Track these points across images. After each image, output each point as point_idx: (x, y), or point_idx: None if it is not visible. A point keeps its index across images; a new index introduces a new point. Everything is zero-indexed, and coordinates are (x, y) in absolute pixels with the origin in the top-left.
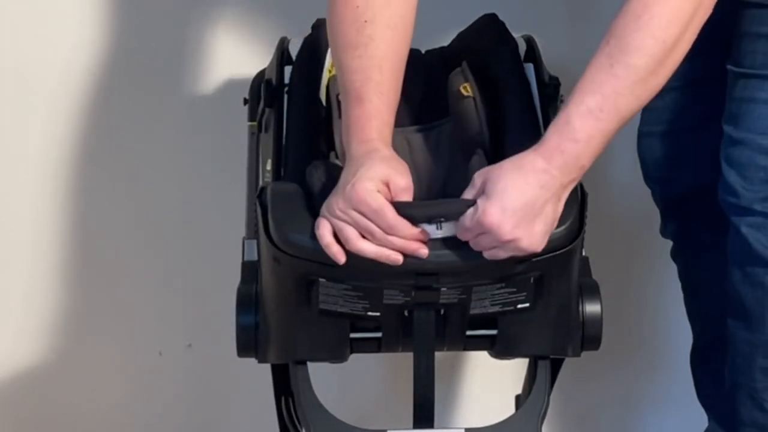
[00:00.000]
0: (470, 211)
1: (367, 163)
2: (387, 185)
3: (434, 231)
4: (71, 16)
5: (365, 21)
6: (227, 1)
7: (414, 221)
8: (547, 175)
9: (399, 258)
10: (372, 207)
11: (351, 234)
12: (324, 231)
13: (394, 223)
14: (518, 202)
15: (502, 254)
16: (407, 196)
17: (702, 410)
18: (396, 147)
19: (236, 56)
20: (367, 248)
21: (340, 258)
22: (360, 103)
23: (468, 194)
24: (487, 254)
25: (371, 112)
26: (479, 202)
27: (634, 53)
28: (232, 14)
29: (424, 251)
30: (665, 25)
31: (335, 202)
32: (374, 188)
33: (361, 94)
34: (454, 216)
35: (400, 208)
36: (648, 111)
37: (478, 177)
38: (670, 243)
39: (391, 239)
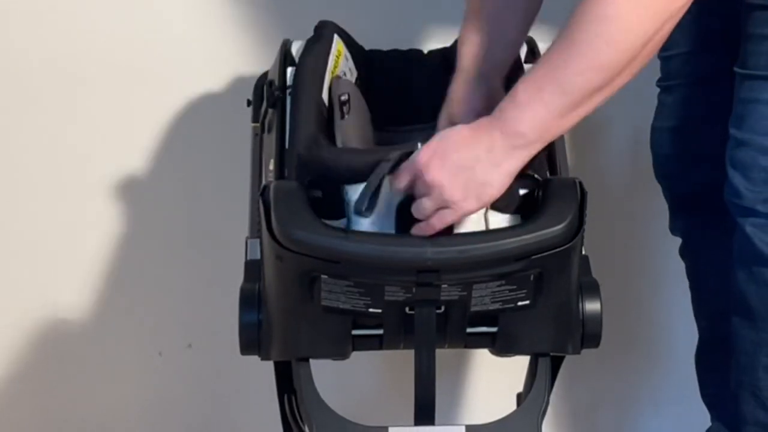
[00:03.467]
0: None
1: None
2: None
3: None
4: (70, 20)
5: None
6: (230, 4)
7: None
8: (488, 136)
9: None
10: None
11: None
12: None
13: None
14: (450, 149)
15: (428, 205)
16: None
17: (700, 409)
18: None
19: (239, 58)
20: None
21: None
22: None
23: None
24: (414, 208)
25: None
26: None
27: (580, 46)
28: (235, 16)
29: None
30: (616, 38)
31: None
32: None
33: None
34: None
35: None
36: (660, 106)
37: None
38: (670, 241)
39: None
